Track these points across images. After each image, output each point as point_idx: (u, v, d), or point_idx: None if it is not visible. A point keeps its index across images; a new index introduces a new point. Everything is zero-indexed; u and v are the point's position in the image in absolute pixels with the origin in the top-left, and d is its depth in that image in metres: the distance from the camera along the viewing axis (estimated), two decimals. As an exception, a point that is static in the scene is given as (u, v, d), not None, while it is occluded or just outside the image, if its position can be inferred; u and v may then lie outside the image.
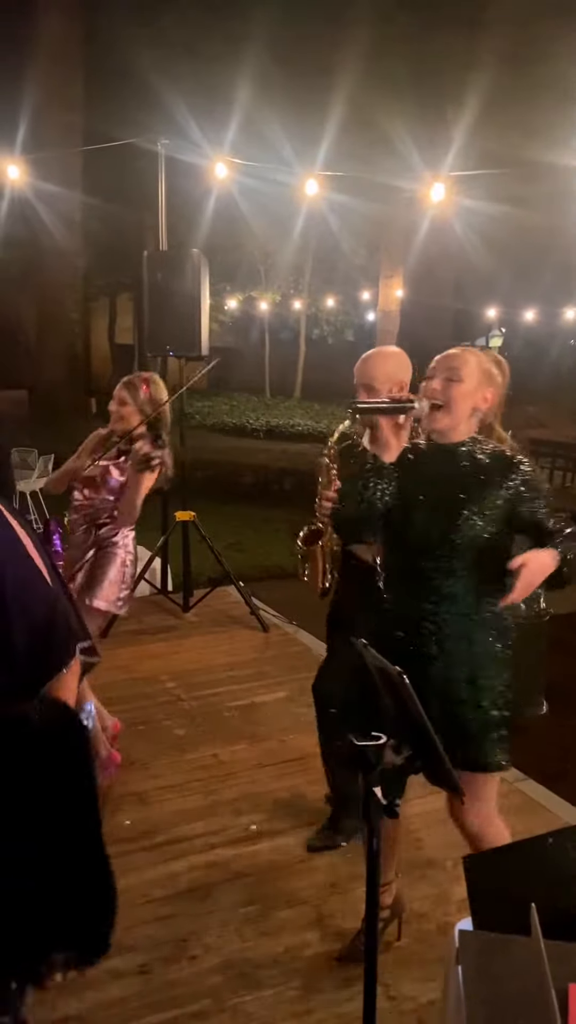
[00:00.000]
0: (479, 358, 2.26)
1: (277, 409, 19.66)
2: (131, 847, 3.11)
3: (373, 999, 1.66)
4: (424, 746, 1.48)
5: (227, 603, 5.94)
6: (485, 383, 2.24)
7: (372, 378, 2.95)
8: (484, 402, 2.25)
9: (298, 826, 3.27)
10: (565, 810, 3.35)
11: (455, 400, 2.21)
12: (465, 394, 2.21)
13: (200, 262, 5.31)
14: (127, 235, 16.64)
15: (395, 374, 2.98)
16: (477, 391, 2.23)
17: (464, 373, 2.21)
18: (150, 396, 3.52)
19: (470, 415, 2.24)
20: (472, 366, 2.22)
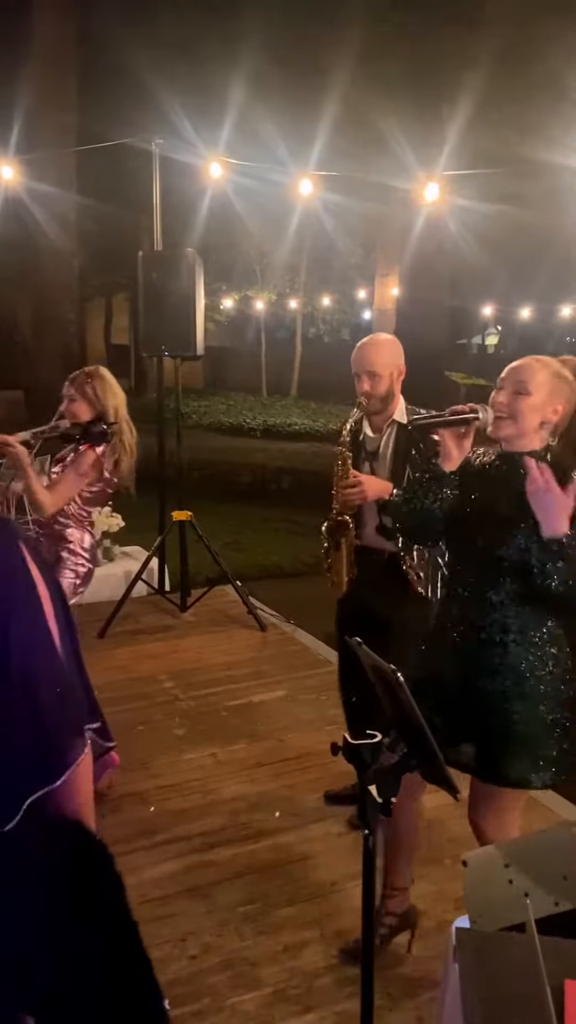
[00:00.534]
0: (551, 369, 2.18)
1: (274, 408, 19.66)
2: (130, 847, 3.11)
3: (370, 997, 1.67)
4: (420, 745, 1.48)
5: (225, 602, 5.95)
6: (556, 395, 2.16)
7: (373, 364, 3.05)
8: (554, 414, 2.17)
9: (297, 825, 3.28)
10: (565, 808, 3.37)
11: (522, 413, 2.15)
12: (533, 407, 2.15)
13: (195, 262, 5.32)
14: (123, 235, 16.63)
15: (394, 359, 3.09)
16: (546, 404, 2.15)
17: (532, 386, 2.14)
18: (94, 389, 3.48)
19: (538, 428, 2.18)
20: (541, 378, 2.15)
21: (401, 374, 3.11)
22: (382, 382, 3.06)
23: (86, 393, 3.47)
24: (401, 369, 3.11)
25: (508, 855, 1.49)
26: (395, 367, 3.08)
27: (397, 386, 3.11)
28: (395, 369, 3.08)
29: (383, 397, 3.08)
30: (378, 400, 3.09)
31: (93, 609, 5.51)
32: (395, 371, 3.08)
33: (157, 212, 5.71)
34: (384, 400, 3.10)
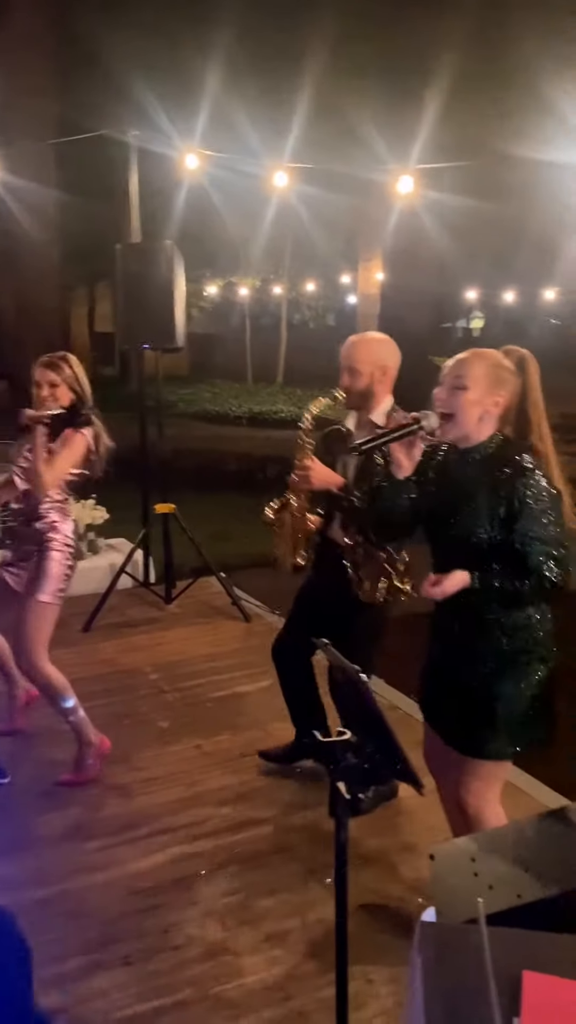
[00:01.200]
0: (488, 362, 2.24)
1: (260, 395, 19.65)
2: (115, 840, 3.15)
3: (345, 981, 1.71)
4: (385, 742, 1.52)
5: (210, 594, 5.97)
6: (495, 387, 2.23)
7: (355, 360, 3.09)
8: (495, 407, 2.23)
9: (279, 815, 3.32)
10: (545, 794, 3.42)
11: (461, 409, 2.22)
12: (471, 402, 2.21)
13: (173, 253, 5.30)
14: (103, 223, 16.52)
15: (378, 359, 3.10)
16: (486, 397, 2.22)
17: (470, 380, 2.21)
18: (73, 371, 3.51)
19: (479, 421, 2.24)
20: (478, 372, 2.21)
21: (386, 374, 3.11)
22: (361, 378, 3.08)
23: (67, 377, 3.49)
24: (386, 369, 3.10)
25: (474, 848, 1.53)
26: (378, 366, 3.09)
27: (380, 386, 3.11)
28: (377, 368, 3.08)
29: (361, 393, 3.11)
30: (356, 396, 3.12)
31: (78, 602, 5.52)
32: (377, 370, 3.08)
33: (134, 204, 5.71)
34: (362, 397, 3.12)
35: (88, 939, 2.64)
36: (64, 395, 3.48)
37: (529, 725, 2.30)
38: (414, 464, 2.33)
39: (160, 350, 5.59)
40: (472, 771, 2.35)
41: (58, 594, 3.45)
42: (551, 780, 3.51)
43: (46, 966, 2.51)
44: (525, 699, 2.28)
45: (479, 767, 2.34)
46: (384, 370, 3.10)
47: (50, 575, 3.42)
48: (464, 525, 2.25)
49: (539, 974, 1.20)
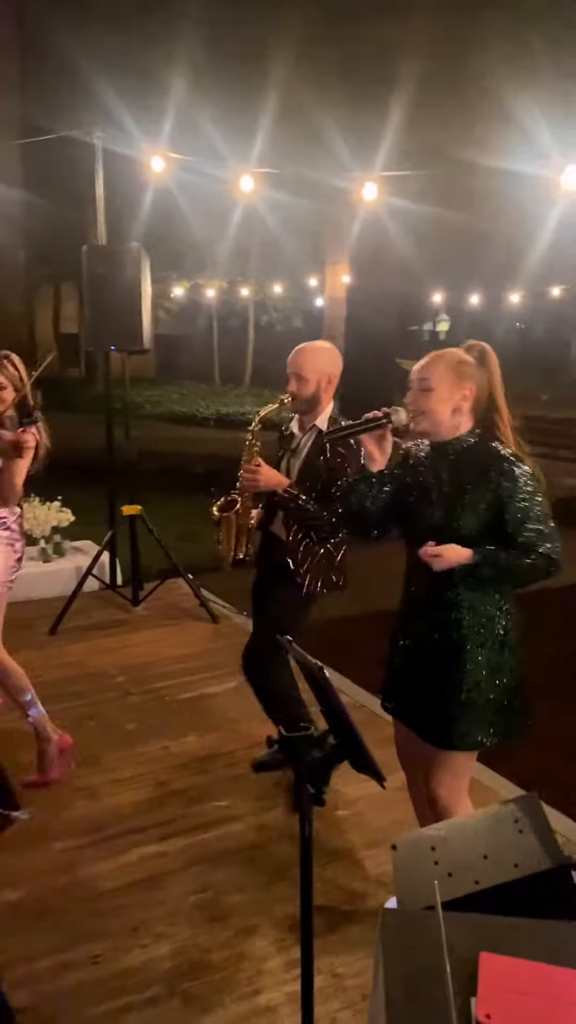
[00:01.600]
0: (448, 360, 2.34)
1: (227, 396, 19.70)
2: (82, 841, 3.16)
3: (310, 976, 1.75)
4: (348, 737, 1.56)
5: (177, 595, 5.98)
6: (461, 382, 2.32)
7: (301, 367, 3.23)
8: (464, 400, 2.33)
9: (248, 813, 3.35)
10: (505, 787, 3.49)
11: (431, 408, 2.33)
12: (439, 400, 2.33)
13: (140, 255, 5.31)
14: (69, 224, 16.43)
15: (324, 367, 3.24)
16: (453, 392, 2.32)
17: (434, 381, 2.32)
18: (17, 370, 3.48)
19: (452, 415, 2.34)
20: (440, 371, 2.32)
21: (331, 382, 3.26)
22: (308, 385, 3.22)
23: (11, 377, 3.47)
24: (331, 377, 3.25)
25: (435, 838, 1.58)
26: (324, 374, 3.23)
27: (325, 393, 3.26)
28: (324, 376, 3.22)
29: (307, 400, 3.26)
30: (302, 402, 3.27)
31: (44, 605, 5.51)
32: (323, 378, 3.23)
33: (100, 206, 5.69)
34: (309, 403, 3.27)
35: (57, 939, 2.65)
36: (9, 396, 3.46)
37: (497, 717, 2.36)
38: (386, 457, 2.44)
39: (127, 352, 5.59)
40: (442, 764, 2.41)
41: (8, 584, 3.45)
42: (513, 775, 3.58)
43: (15, 966, 2.53)
44: (493, 690, 2.34)
45: (449, 759, 2.40)
46: (329, 378, 3.25)
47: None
48: (443, 517, 2.33)
49: (496, 955, 1.25)
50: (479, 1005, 1.19)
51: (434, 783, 2.46)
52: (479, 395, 2.36)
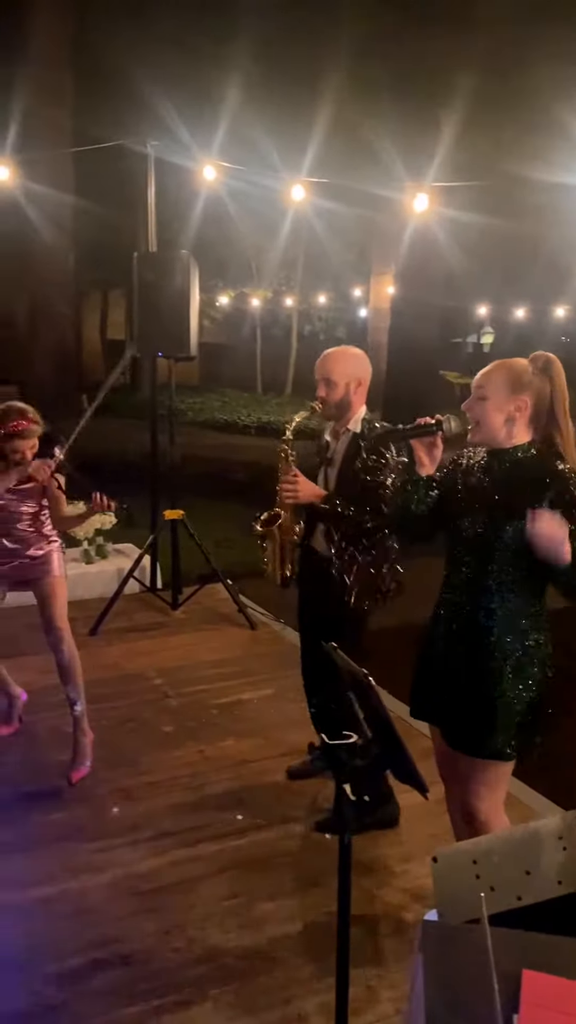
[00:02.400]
0: (506, 370, 2.33)
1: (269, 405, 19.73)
2: (117, 842, 3.18)
3: (346, 986, 1.73)
4: (391, 745, 1.55)
5: (216, 600, 6.00)
6: (517, 391, 2.30)
7: (329, 372, 3.19)
8: (518, 411, 2.31)
9: (282, 821, 3.34)
10: (540, 803, 3.44)
11: (485, 416, 2.34)
12: (492, 409, 2.32)
13: (189, 263, 5.36)
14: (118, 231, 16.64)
15: (352, 371, 3.19)
16: (507, 403, 2.31)
17: (489, 390, 2.32)
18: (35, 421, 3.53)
19: (505, 425, 2.32)
20: (496, 381, 2.32)
21: (361, 385, 3.20)
22: (337, 390, 3.17)
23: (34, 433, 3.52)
24: (360, 381, 3.20)
25: (476, 851, 1.56)
26: (353, 378, 3.18)
27: (355, 397, 3.20)
28: (353, 380, 3.18)
29: (337, 404, 3.20)
30: (332, 407, 3.21)
31: (85, 606, 5.57)
32: (352, 382, 3.18)
33: (151, 214, 5.75)
34: (339, 408, 3.21)
35: (89, 938, 2.67)
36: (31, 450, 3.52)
37: (529, 728, 2.33)
38: (435, 463, 2.45)
39: (173, 359, 5.64)
40: (477, 775, 2.38)
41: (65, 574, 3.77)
42: (547, 790, 3.53)
43: (47, 963, 2.55)
44: (525, 700, 2.31)
45: (484, 770, 2.37)
46: (359, 382, 3.20)
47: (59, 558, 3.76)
48: (487, 525, 2.31)
49: (538, 973, 1.23)
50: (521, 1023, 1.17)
51: (472, 796, 2.43)
52: (539, 407, 2.33)
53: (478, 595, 2.33)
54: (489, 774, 2.39)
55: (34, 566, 3.67)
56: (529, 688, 2.32)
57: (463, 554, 2.38)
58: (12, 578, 3.70)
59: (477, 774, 2.40)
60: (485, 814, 2.40)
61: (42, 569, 3.67)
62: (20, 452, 3.47)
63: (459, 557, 2.40)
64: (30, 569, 3.67)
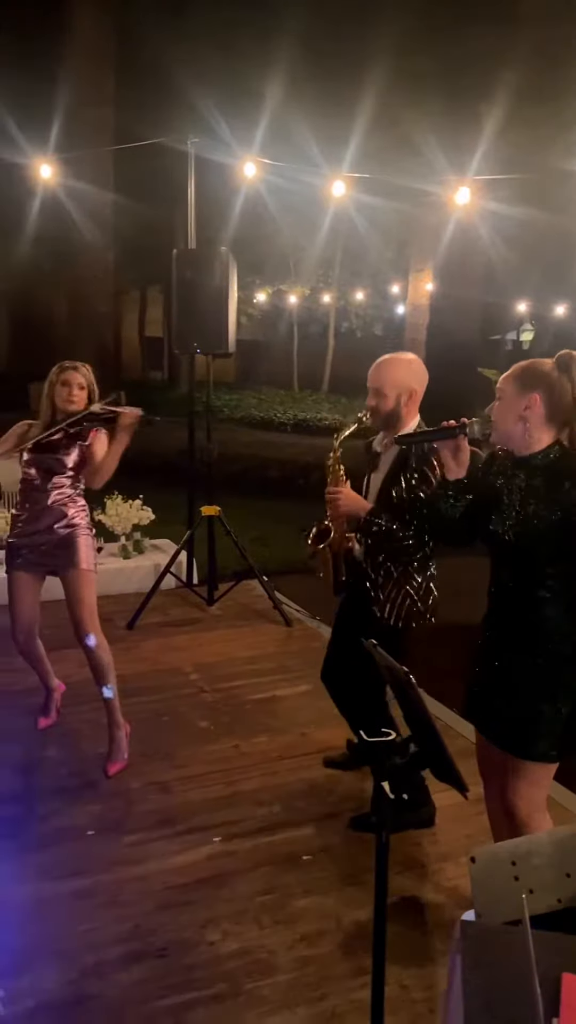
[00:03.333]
0: (518, 369, 2.32)
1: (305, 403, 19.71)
2: (153, 835, 3.20)
3: (381, 986, 1.72)
4: (431, 744, 1.53)
5: (251, 597, 6.02)
6: (523, 391, 2.27)
7: (380, 382, 3.06)
8: (528, 410, 2.27)
9: (316, 818, 3.34)
10: None
11: (498, 416, 2.34)
12: (504, 409, 2.31)
13: (228, 260, 5.37)
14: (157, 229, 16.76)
15: (405, 381, 3.05)
16: (517, 401, 2.28)
17: (501, 392, 2.32)
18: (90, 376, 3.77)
19: (517, 423, 2.29)
20: (507, 381, 2.32)
21: (412, 398, 3.06)
22: (387, 401, 3.05)
23: (89, 382, 3.75)
24: (412, 393, 3.05)
25: (514, 853, 1.54)
26: (405, 389, 3.03)
27: (406, 409, 3.06)
28: (404, 391, 3.03)
29: (386, 416, 3.08)
30: (380, 418, 3.10)
31: (122, 600, 5.62)
32: (404, 393, 3.03)
33: (191, 211, 5.77)
34: (387, 419, 3.08)
35: (125, 930, 2.69)
36: (83, 397, 3.70)
37: (566, 732, 2.31)
38: (462, 466, 2.42)
39: (211, 355, 5.66)
40: (521, 774, 2.37)
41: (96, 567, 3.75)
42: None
43: (84, 954, 2.57)
44: (571, 703, 2.29)
45: (527, 770, 2.35)
46: (411, 393, 3.05)
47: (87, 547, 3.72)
48: (511, 531, 2.29)
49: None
50: (561, 1027, 1.16)
51: (512, 794, 2.41)
52: (556, 404, 2.26)
53: (522, 599, 2.30)
54: (534, 773, 2.37)
55: (60, 550, 3.64)
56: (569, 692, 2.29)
57: (503, 559, 2.36)
58: (41, 565, 3.70)
59: (520, 772, 2.38)
60: (526, 811, 2.38)
61: (66, 559, 3.64)
62: (69, 387, 3.62)
63: (500, 562, 2.38)
64: (57, 553, 3.65)
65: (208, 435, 5.85)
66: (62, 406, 3.66)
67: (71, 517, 3.68)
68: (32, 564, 3.69)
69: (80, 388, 3.67)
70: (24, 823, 3.27)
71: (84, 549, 3.68)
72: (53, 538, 3.64)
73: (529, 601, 2.28)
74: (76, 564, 3.63)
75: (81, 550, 3.66)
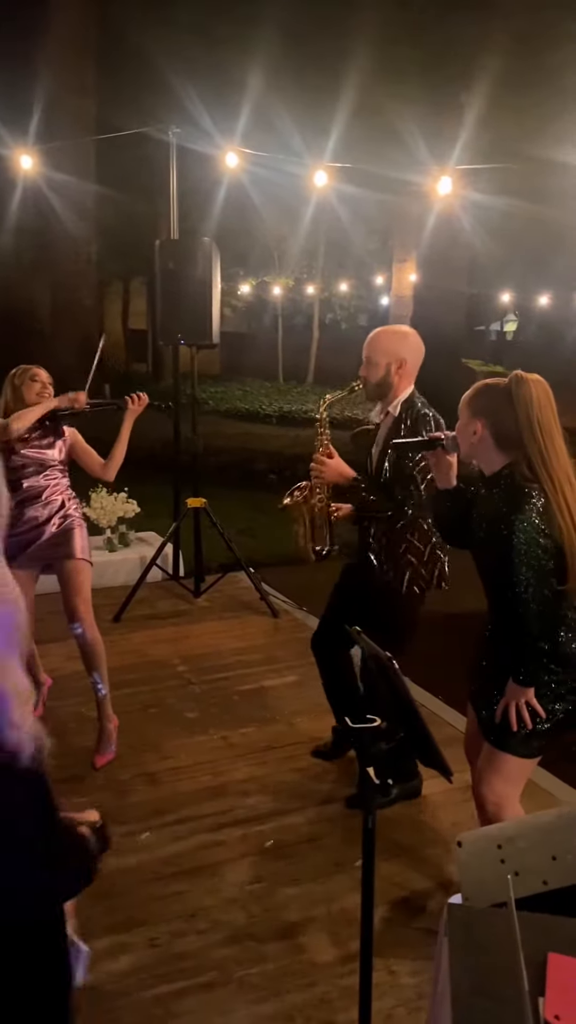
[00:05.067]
0: (471, 393, 2.37)
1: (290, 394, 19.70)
2: (142, 826, 3.20)
3: (370, 971, 1.74)
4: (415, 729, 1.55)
5: (238, 588, 6.02)
6: (474, 415, 2.33)
7: (371, 351, 3.14)
8: (474, 435, 2.32)
9: (304, 807, 3.35)
10: (564, 792, 3.43)
11: (458, 438, 2.39)
12: (460, 431, 2.38)
13: (211, 250, 5.35)
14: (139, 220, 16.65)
15: (395, 350, 3.11)
16: (467, 426, 2.35)
17: (459, 411, 2.38)
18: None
19: (472, 447, 2.35)
20: (463, 403, 2.38)
21: (403, 367, 3.10)
22: (377, 369, 3.11)
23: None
24: (403, 362, 3.09)
25: (501, 836, 1.55)
26: (395, 358, 3.08)
27: (397, 378, 3.11)
28: (394, 360, 3.08)
29: (377, 384, 3.15)
30: (372, 387, 3.16)
31: (108, 593, 5.60)
32: (394, 362, 3.08)
33: (173, 201, 5.74)
34: (379, 388, 3.15)
35: (115, 921, 2.69)
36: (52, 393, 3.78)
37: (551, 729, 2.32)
38: (447, 478, 2.47)
39: (195, 346, 5.64)
40: (495, 766, 2.38)
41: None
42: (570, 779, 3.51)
43: (74, 944, 2.57)
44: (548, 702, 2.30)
45: (501, 761, 2.36)
46: (401, 362, 3.09)
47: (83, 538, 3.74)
48: (481, 538, 2.36)
49: (564, 957, 1.23)
50: (547, 1006, 1.17)
51: (483, 783, 2.42)
52: (501, 431, 2.27)
53: (501, 598, 2.33)
54: (506, 766, 2.37)
55: (56, 545, 3.64)
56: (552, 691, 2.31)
57: (482, 576, 2.43)
58: (40, 559, 3.67)
59: (494, 763, 2.39)
60: (494, 805, 2.39)
61: (63, 549, 3.65)
62: (41, 383, 3.68)
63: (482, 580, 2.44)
64: (53, 547, 3.64)
65: (193, 427, 5.84)
66: (36, 401, 3.68)
67: (67, 508, 3.71)
68: (29, 560, 3.64)
69: (48, 383, 3.74)
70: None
71: (80, 540, 3.69)
72: (51, 531, 3.64)
73: (505, 600, 2.28)
74: (72, 554, 3.64)
75: (77, 540, 3.68)
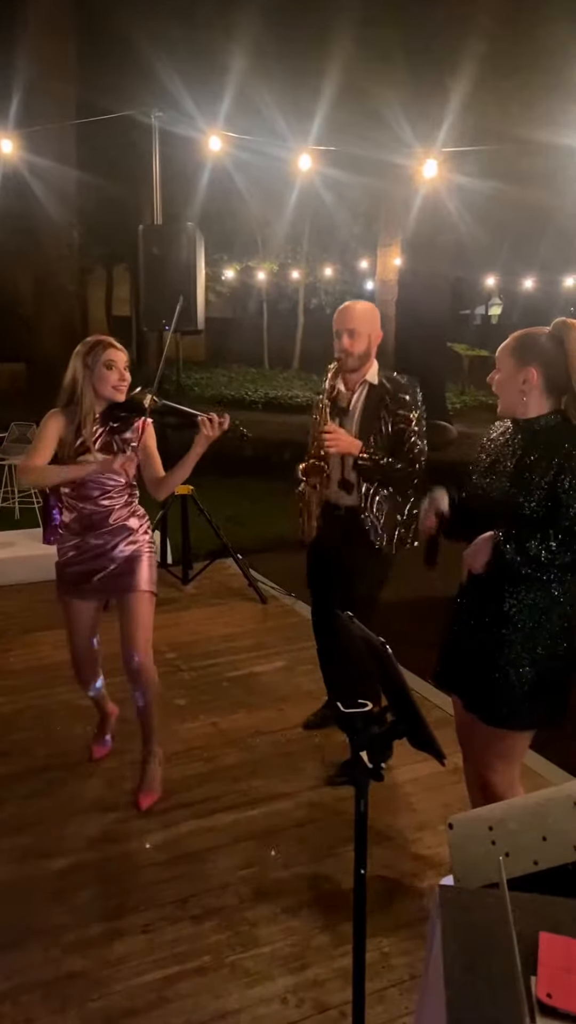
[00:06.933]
0: (512, 342, 2.36)
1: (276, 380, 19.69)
2: (133, 813, 3.21)
3: (362, 953, 1.75)
4: (407, 712, 1.55)
5: (226, 575, 6.02)
6: (522, 363, 2.31)
7: (355, 322, 3.29)
8: (525, 383, 2.31)
9: (294, 792, 3.37)
10: (555, 774, 3.46)
11: (500, 389, 2.38)
12: (503, 382, 2.37)
13: (195, 235, 5.32)
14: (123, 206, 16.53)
15: (373, 325, 3.34)
16: (516, 375, 2.32)
17: (500, 362, 2.38)
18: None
19: (518, 395, 2.33)
20: (504, 353, 2.37)
21: (378, 338, 3.34)
22: (361, 340, 3.28)
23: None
24: (378, 333, 3.34)
25: (491, 818, 1.56)
26: (373, 329, 3.31)
27: (374, 348, 3.34)
28: (373, 331, 3.31)
29: (361, 355, 3.31)
30: (356, 358, 3.31)
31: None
32: (373, 333, 3.31)
33: (157, 186, 5.70)
34: (361, 359, 3.32)
35: (108, 908, 2.70)
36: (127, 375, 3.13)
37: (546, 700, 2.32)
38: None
39: (180, 332, 5.61)
40: (492, 746, 2.39)
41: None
42: (565, 762, 3.54)
43: (68, 931, 2.58)
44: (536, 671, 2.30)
45: (498, 739, 2.38)
46: (378, 334, 3.35)
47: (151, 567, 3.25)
48: (508, 492, 2.30)
49: (556, 936, 1.24)
50: (539, 985, 1.18)
51: (484, 767, 2.44)
52: (553, 376, 2.28)
53: (501, 565, 2.27)
54: (503, 744, 2.39)
55: (121, 575, 3.15)
56: (540, 659, 2.30)
57: (491, 520, 2.33)
58: (103, 591, 3.23)
59: (491, 744, 2.40)
60: (499, 787, 2.41)
61: (128, 581, 3.15)
62: (118, 369, 3.04)
63: (487, 524, 2.34)
64: (115, 577, 3.16)
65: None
66: (108, 394, 3.05)
67: (135, 532, 3.20)
68: (93, 592, 3.22)
69: (126, 368, 3.09)
70: (4, 804, 3.26)
71: (147, 570, 3.19)
72: (117, 560, 3.15)
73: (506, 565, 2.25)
74: (137, 587, 3.16)
75: (144, 571, 3.17)
